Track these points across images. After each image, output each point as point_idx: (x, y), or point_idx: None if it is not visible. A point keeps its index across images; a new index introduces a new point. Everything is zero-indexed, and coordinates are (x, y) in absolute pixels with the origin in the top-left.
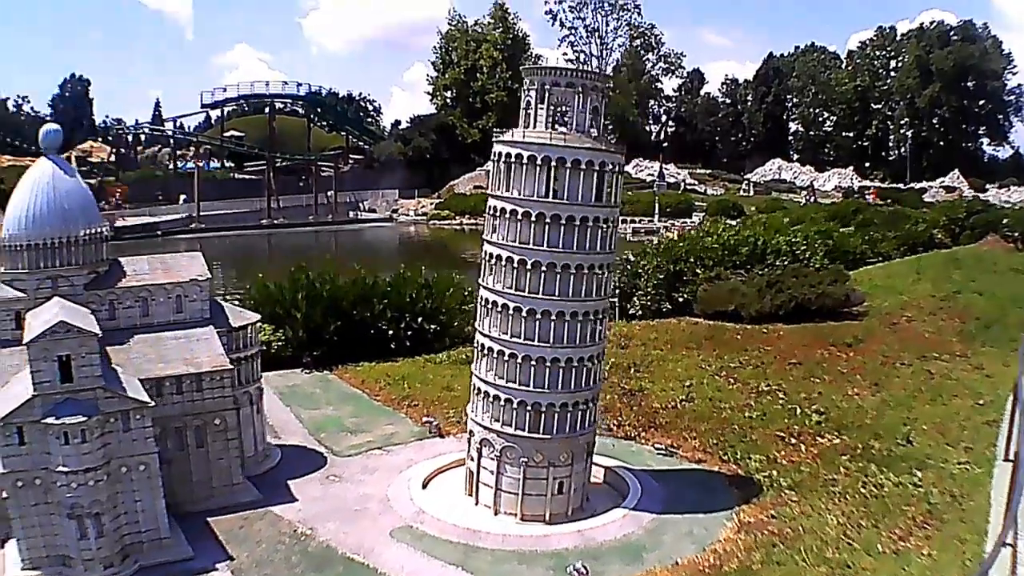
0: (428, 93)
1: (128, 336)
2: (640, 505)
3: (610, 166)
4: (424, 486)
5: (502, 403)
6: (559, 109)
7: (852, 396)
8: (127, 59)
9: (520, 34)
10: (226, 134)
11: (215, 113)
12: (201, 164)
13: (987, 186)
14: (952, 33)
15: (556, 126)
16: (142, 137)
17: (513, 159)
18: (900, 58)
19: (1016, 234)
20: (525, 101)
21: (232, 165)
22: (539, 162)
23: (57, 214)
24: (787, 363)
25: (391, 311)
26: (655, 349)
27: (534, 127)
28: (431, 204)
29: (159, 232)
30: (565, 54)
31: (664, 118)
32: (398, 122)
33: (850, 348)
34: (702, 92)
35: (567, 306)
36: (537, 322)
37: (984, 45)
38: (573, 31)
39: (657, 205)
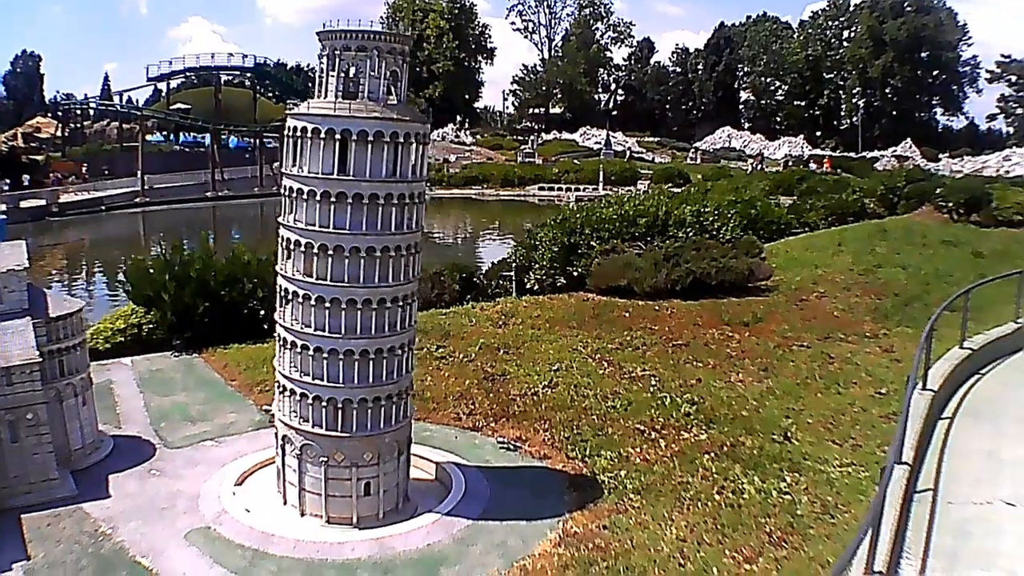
0: None
1: None
2: (456, 509)
3: (411, 137)
4: (241, 482)
5: (297, 398)
6: (351, 76)
7: (735, 384)
8: (82, 34)
9: (467, 3)
10: (172, 107)
11: (164, 87)
12: (151, 138)
13: (939, 156)
14: (906, 4)
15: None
16: (90, 112)
17: (299, 133)
18: (852, 28)
19: (951, 204)
20: (318, 68)
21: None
22: (323, 135)
23: None
24: (671, 344)
25: (262, 290)
26: (533, 328)
27: (324, 97)
28: None
29: (103, 207)
30: (513, 23)
31: (613, 87)
32: None
33: (746, 328)
34: (652, 61)
35: (359, 292)
36: (327, 311)
37: (939, 16)
38: (522, 1)
39: (602, 173)
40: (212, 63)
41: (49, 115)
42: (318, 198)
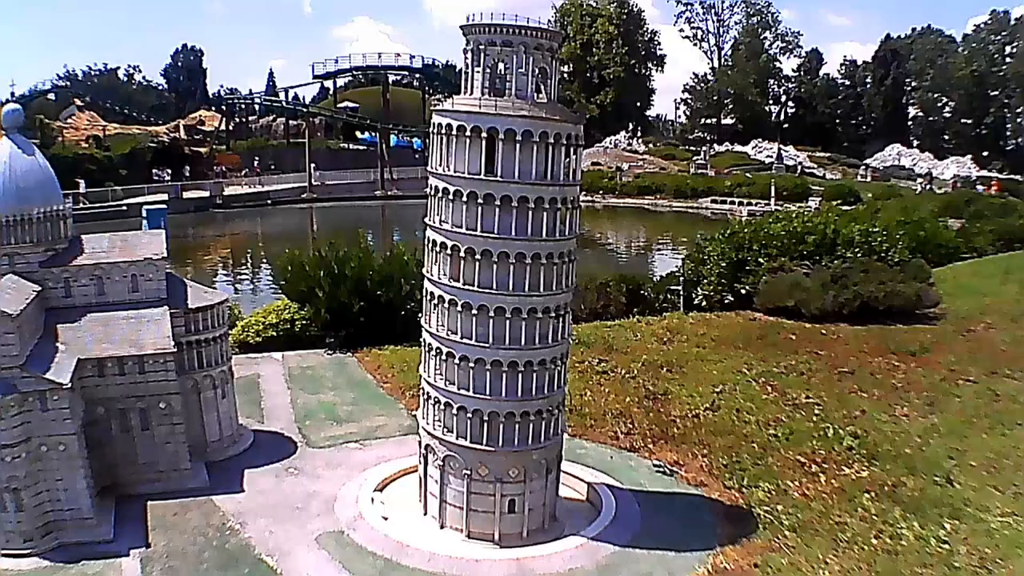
0: None
1: (81, 314)
2: (604, 534)
3: (563, 138)
4: (381, 488)
5: (442, 407)
6: (498, 73)
7: (899, 418)
8: (244, 30)
9: (635, 9)
10: (339, 105)
11: (331, 85)
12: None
13: None
14: None
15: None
16: (256, 107)
17: (444, 130)
18: (1015, 44)
19: None
20: (463, 64)
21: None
22: (469, 133)
23: (12, 193)
24: (836, 372)
25: (420, 292)
26: (698, 347)
27: (470, 93)
28: None
29: (269, 201)
30: (682, 31)
31: (784, 99)
32: None
33: (912, 358)
34: (821, 73)
35: (509, 301)
36: (474, 318)
37: None
38: (689, 7)
39: (773, 188)
40: (380, 63)
41: (213, 108)
42: (464, 199)
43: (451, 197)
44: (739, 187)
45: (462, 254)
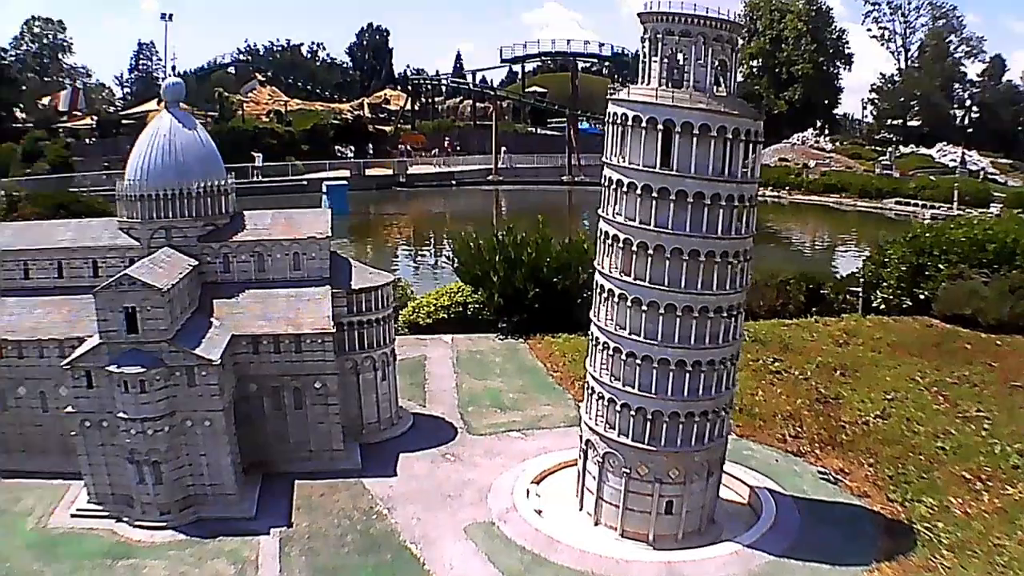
0: None
1: (240, 290)
2: (761, 541)
3: (742, 133)
4: (538, 481)
5: (605, 402)
6: (676, 63)
7: None
8: (432, 17)
9: (824, 7)
10: (528, 89)
11: (519, 69)
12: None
13: None
14: None
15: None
16: (443, 88)
17: (619, 120)
18: None
19: None
20: (640, 52)
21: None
22: (644, 124)
23: (172, 167)
24: (1009, 385)
25: None
26: (873, 351)
27: (647, 83)
28: None
29: (454, 182)
30: (869, 30)
31: (968, 103)
32: None
33: None
34: (1004, 79)
35: (680, 298)
36: (643, 314)
37: None
38: (876, 7)
39: (956, 193)
40: (568, 49)
41: (399, 88)
42: (639, 192)
43: (625, 189)
44: (923, 189)
45: (634, 248)
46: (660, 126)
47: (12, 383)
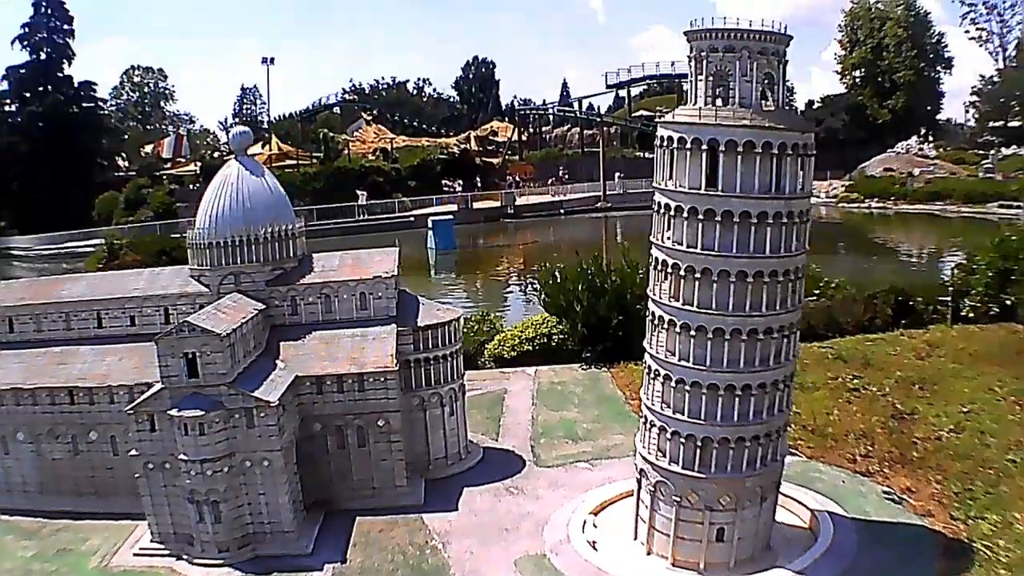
0: (837, 72)
1: (307, 332)
2: (813, 567)
3: (790, 148)
4: (597, 512)
5: (657, 431)
6: (720, 80)
7: None
8: (538, 44)
9: (923, 11)
10: (635, 114)
11: (626, 94)
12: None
13: None
14: None
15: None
16: (550, 117)
17: (667, 143)
18: None
19: None
20: (688, 71)
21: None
22: (690, 145)
23: (240, 214)
24: None
25: None
26: (954, 362)
27: (693, 103)
28: (841, 186)
29: (562, 211)
30: (967, 31)
31: None
32: (811, 102)
33: None
34: None
35: (728, 321)
36: (692, 339)
37: None
38: (973, 7)
39: None
40: (673, 71)
41: (506, 119)
42: (685, 215)
43: (673, 213)
44: None
45: (682, 273)
46: (705, 146)
47: (83, 428)
